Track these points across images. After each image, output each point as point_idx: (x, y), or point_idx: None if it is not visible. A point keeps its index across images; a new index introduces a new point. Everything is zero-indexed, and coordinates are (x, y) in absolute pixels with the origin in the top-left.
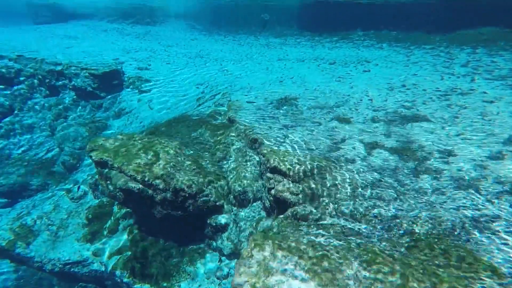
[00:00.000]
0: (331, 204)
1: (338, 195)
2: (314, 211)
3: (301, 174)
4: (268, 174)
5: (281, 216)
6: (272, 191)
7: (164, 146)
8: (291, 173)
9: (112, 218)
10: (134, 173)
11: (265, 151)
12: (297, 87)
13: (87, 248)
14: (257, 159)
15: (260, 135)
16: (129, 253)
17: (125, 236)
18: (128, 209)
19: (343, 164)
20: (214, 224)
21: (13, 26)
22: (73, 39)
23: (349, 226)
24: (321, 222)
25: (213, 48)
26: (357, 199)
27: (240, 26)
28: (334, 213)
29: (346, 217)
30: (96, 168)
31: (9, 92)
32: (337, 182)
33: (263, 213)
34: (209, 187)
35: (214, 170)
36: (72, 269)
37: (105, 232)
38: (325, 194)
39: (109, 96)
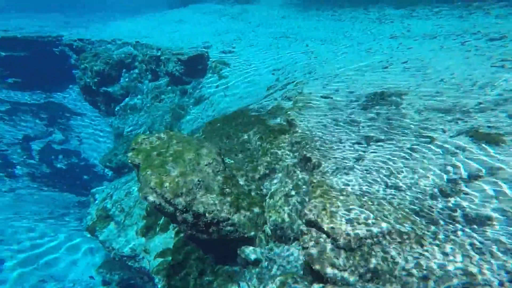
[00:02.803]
0: None
1: None
2: None
3: (357, 239)
4: (303, 227)
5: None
6: (303, 253)
7: (198, 154)
8: (338, 236)
9: None
10: (155, 185)
11: (314, 182)
12: (409, 77)
13: (140, 243)
14: (307, 186)
15: (317, 152)
16: (170, 258)
17: (172, 238)
18: None
19: (457, 227)
20: (243, 257)
21: (151, 12)
22: (181, 23)
23: None
24: None
25: (304, 25)
26: None
27: None
28: None
29: None
30: (134, 170)
31: (128, 76)
32: (432, 266)
33: (299, 265)
34: (238, 214)
35: (250, 191)
36: (127, 262)
37: (157, 229)
38: (397, 282)
39: (193, 82)
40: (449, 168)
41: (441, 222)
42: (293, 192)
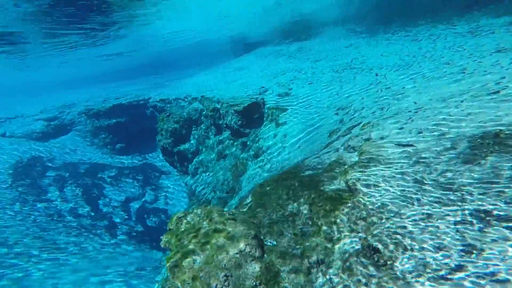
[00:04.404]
0: None
1: None
2: None
3: None
4: None
5: None
6: None
7: (229, 237)
8: None
9: None
10: (177, 280)
11: None
12: None
13: None
14: None
15: (390, 238)
16: None
17: None
18: None
19: None
20: None
21: (220, 63)
22: (240, 70)
23: None
24: None
25: (372, 53)
26: None
27: (420, 15)
28: None
29: None
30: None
31: (196, 133)
32: None
33: None
34: None
35: None
36: None
37: None
38: None
39: (252, 132)
40: None
41: None
42: None
